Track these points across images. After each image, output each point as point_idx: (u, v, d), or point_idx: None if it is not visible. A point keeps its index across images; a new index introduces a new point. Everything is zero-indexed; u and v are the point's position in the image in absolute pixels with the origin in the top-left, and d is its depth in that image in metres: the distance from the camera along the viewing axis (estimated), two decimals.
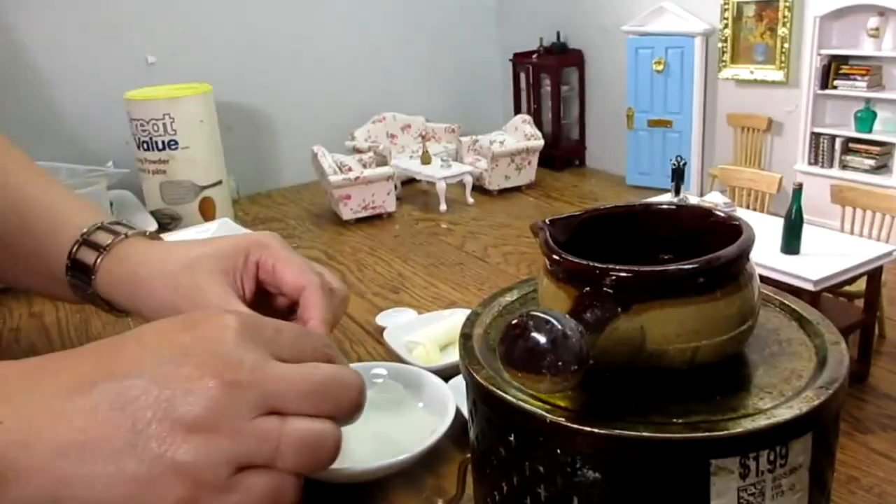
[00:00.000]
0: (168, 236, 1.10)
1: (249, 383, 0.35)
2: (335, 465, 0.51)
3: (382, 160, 5.70)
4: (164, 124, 4.35)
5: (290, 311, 0.53)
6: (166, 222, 1.21)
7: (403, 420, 0.58)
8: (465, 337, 0.41)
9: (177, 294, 0.52)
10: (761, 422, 0.32)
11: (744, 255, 0.36)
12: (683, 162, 3.46)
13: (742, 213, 3.37)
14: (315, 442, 0.36)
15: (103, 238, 0.56)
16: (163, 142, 4.35)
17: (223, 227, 1.10)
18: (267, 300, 0.54)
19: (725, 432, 0.31)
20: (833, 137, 4.71)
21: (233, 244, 0.54)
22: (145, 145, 4.38)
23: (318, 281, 0.52)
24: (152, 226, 1.15)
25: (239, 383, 0.35)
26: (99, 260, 0.56)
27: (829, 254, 2.88)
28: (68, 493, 0.33)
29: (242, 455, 0.34)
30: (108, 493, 0.33)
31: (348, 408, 0.38)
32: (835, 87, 4.65)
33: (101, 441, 0.33)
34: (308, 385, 0.36)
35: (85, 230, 0.57)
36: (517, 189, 5.90)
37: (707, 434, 0.31)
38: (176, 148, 4.37)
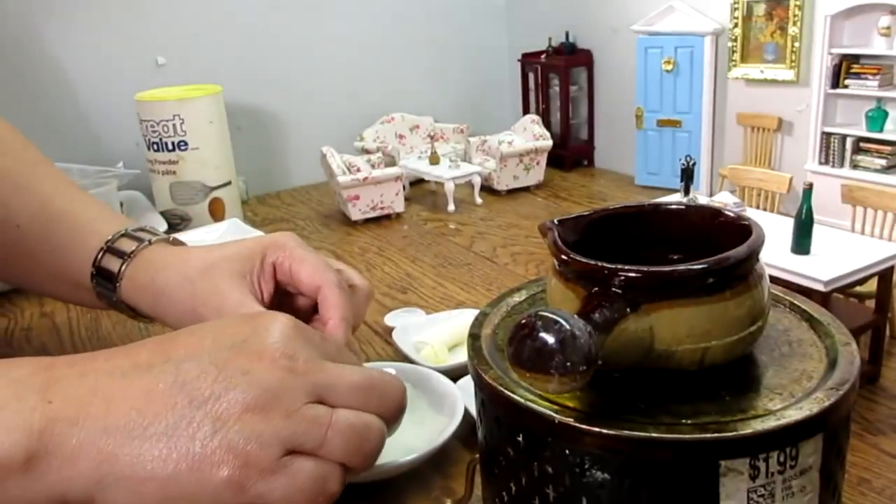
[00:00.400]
0: (177, 237, 1.10)
1: (304, 371, 0.36)
2: None
3: (391, 161, 5.70)
4: (174, 125, 4.37)
5: (312, 312, 0.53)
6: (176, 223, 1.22)
7: (412, 420, 0.58)
8: (474, 337, 0.41)
9: (196, 299, 0.51)
10: (771, 423, 0.31)
11: (753, 256, 0.36)
12: (693, 162, 3.44)
13: (752, 213, 3.36)
14: (362, 431, 0.37)
15: (127, 245, 0.56)
16: (173, 143, 4.37)
17: (232, 227, 1.10)
18: (288, 301, 0.54)
19: (735, 433, 0.31)
20: (844, 137, 4.68)
21: (249, 246, 0.54)
22: (155, 146, 4.40)
23: (334, 279, 0.51)
24: (162, 226, 1.16)
25: (294, 370, 0.36)
26: (123, 267, 0.56)
27: (839, 254, 2.87)
28: (113, 471, 0.33)
29: (293, 438, 0.35)
30: (157, 472, 0.34)
31: (393, 407, 0.39)
32: (846, 87, 4.62)
33: (155, 419, 0.34)
34: (357, 380, 0.38)
35: (109, 237, 0.57)
36: (526, 189, 5.89)
37: (716, 435, 0.31)
38: (186, 149, 4.38)
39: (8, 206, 0.59)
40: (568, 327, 0.30)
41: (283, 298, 0.54)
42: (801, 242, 2.88)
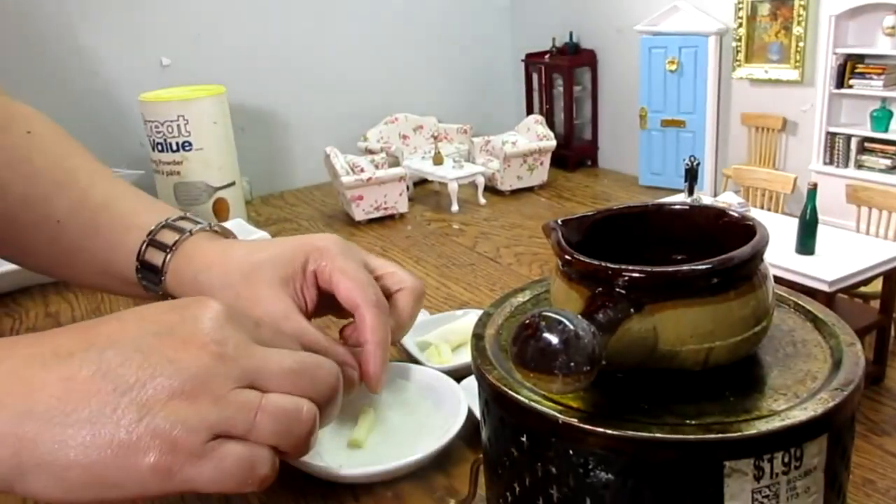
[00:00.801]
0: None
1: (233, 357, 0.36)
2: (349, 469, 0.52)
3: (394, 161, 5.71)
4: (179, 126, 4.38)
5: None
6: None
7: (416, 420, 0.58)
8: (477, 337, 0.41)
9: (238, 304, 0.50)
10: (776, 423, 0.31)
11: (758, 256, 0.36)
12: (697, 162, 3.44)
13: (756, 214, 3.35)
14: (292, 414, 0.37)
15: (169, 237, 0.56)
16: (177, 143, 4.38)
17: (236, 228, 1.10)
18: (335, 302, 0.52)
19: (739, 434, 0.31)
20: (848, 137, 4.68)
21: (291, 251, 0.52)
22: (159, 147, 4.41)
23: (372, 297, 0.50)
24: None
25: (222, 355, 0.36)
26: (167, 259, 0.55)
27: (844, 254, 2.86)
28: (33, 457, 0.33)
29: (220, 422, 0.35)
30: (82, 458, 0.33)
31: (325, 390, 0.39)
32: (850, 87, 4.61)
33: (77, 407, 0.34)
34: (287, 364, 0.38)
35: (151, 229, 0.56)
36: (529, 189, 5.89)
37: (721, 435, 0.31)
38: (190, 149, 4.39)
39: (47, 201, 0.59)
40: (571, 327, 0.30)
41: (329, 300, 0.52)
42: (806, 243, 2.88)
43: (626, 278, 0.34)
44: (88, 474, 0.33)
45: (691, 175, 3.38)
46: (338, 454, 0.55)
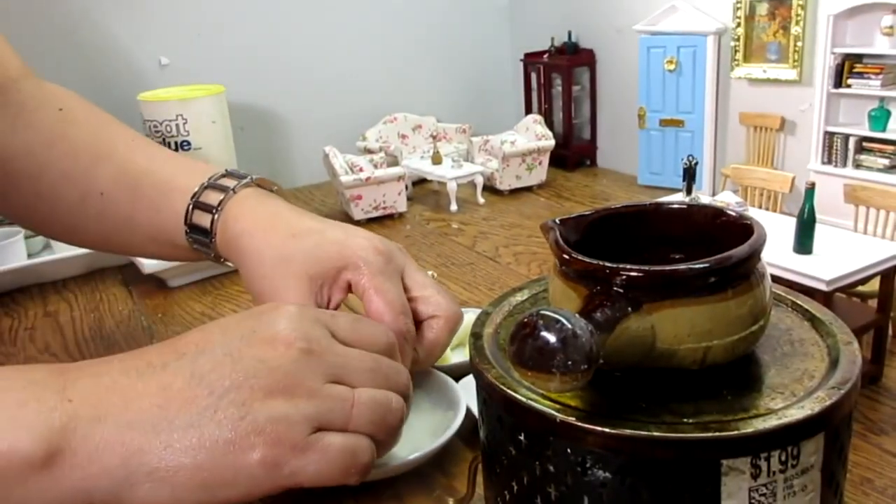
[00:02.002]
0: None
1: (319, 352, 0.38)
2: None
3: (393, 160, 5.70)
4: (178, 125, 4.37)
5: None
6: None
7: (414, 419, 0.58)
8: (476, 336, 0.41)
9: (265, 283, 0.51)
10: (773, 422, 0.31)
11: (755, 255, 0.36)
12: (695, 161, 3.44)
13: (754, 213, 3.35)
14: (385, 404, 0.39)
15: (213, 198, 0.55)
16: (176, 143, 4.37)
17: None
18: None
19: (737, 432, 0.31)
20: (847, 136, 4.68)
21: (330, 251, 0.51)
22: None
23: (401, 328, 0.49)
24: None
25: (311, 351, 0.38)
26: (215, 219, 0.55)
27: (842, 254, 2.86)
28: (143, 465, 0.33)
29: (320, 415, 0.36)
30: (191, 460, 0.34)
31: (401, 388, 0.41)
32: (848, 86, 4.61)
33: (178, 412, 0.34)
34: (368, 362, 0.40)
35: (195, 191, 0.56)
36: (528, 189, 5.89)
37: (718, 434, 0.31)
38: (189, 149, 4.39)
39: (88, 175, 0.59)
40: (569, 326, 0.30)
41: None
42: (804, 242, 2.88)
43: (624, 277, 0.34)
44: (199, 475, 0.34)
45: (689, 174, 3.39)
46: None
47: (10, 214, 0.66)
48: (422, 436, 0.55)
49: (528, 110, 6.66)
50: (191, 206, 0.56)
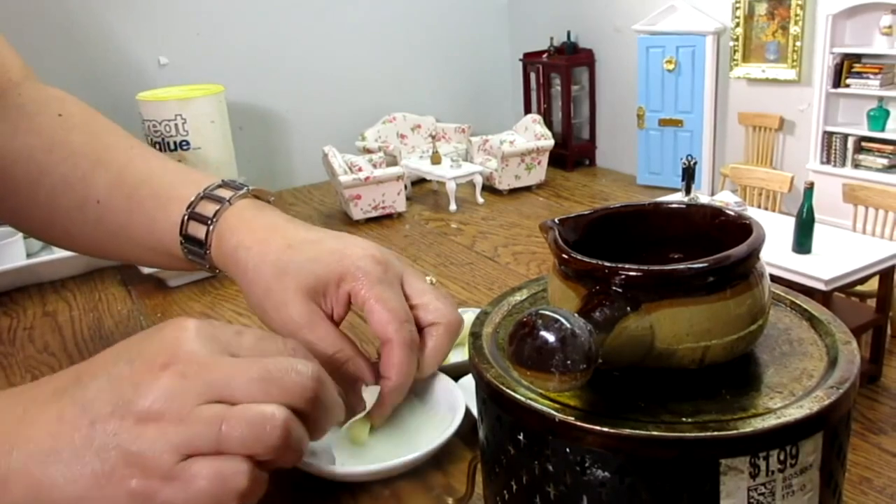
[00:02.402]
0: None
1: (196, 373, 0.36)
2: (346, 468, 0.52)
3: (393, 160, 5.70)
4: (177, 125, 4.37)
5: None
6: None
7: (413, 419, 0.58)
8: (475, 336, 0.41)
9: (267, 299, 0.50)
10: (771, 421, 0.32)
11: (754, 254, 0.36)
12: (694, 161, 3.44)
13: (753, 213, 3.36)
14: (258, 421, 0.36)
15: (209, 208, 0.55)
16: (175, 142, 4.37)
17: None
18: None
19: (735, 432, 0.31)
20: (845, 136, 4.68)
21: (327, 263, 0.50)
22: (157, 146, 4.40)
23: (406, 337, 0.49)
24: None
25: (185, 373, 0.36)
26: (210, 231, 0.54)
27: (840, 253, 2.86)
28: (40, 497, 0.35)
29: (187, 441, 0.35)
30: (74, 492, 0.34)
31: (299, 394, 0.38)
32: (847, 86, 4.62)
33: (65, 442, 0.35)
34: (254, 371, 0.37)
35: (190, 201, 0.55)
36: (527, 189, 5.89)
37: (717, 433, 0.31)
38: (188, 148, 4.39)
39: (86, 182, 0.58)
40: (568, 326, 0.30)
41: None
42: (803, 242, 2.88)
43: (623, 277, 0.34)
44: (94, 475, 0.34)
45: (689, 174, 3.39)
46: (335, 453, 0.55)
47: (8, 219, 0.66)
48: (421, 436, 0.55)
49: (528, 110, 6.66)
50: (186, 217, 0.55)
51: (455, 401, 0.57)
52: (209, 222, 0.54)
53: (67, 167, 0.59)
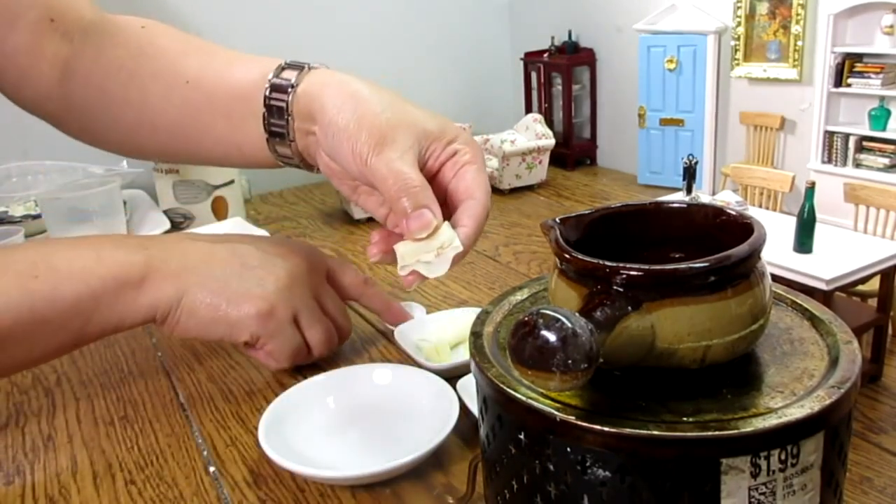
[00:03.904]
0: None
1: (315, 274, 0.59)
2: (349, 471, 0.52)
3: None
4: None
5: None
6: (179, 221, 1.24)
7: (410, 420, 0.58)
8: (476, 335, 0.41)
9: (365, 128, 0.52)
10: (772, 421, 0.32)
11: (755, 254, 0.36)
12: (695, 161, 3.44)
13: (754, 212, 3.36)
14: (331, 333, 0.62)
15: (290, 74, 0.58)
16: None
17: (236, 226, 1.10)
18: None
19: (736, 431, 0.31)
20: (847, 136, 4.68)
21: (440, 122, 0.54)
22: None
23: (486, 203, 0.54)
24: (165, 225, 1.16)
25: (311, 271, 0.59)
26: (301, 74, 0.58)
27: (842, 253, 2.86)
28: (187, 295, 0.52)
29: (300, 312, 0.56)
30: (211, 300, 0.52)
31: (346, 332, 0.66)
32: (849, 85, 4.61)
33: (216, 268, 0.53)
34: (339, 300, 0.64)
35: (270, 76, 0.58)
36: (528, 188, 5.89)
37: (718, 433, 0.31)
38: None
39: (176, 68, 0.62)
40: (569, 325, 0.30)
41: None
42: (804, 241, 2.88)
43: (624, 276, 0.34)
44: (214, 312, 0.52)
45: (690, 174, 3.39)
46: (335, 453, 0.55)
47: (100, 137, 0.69)
48: (419, 436, 0.55)
49: (528, 109, 6.65)
50: (280, 67, 0.59)
51: (450, 401, 0.57)
52: (303, 68, 0.59)
53: (157, 62, 0.63)
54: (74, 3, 0.68)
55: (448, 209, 0.50)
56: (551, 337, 0.30)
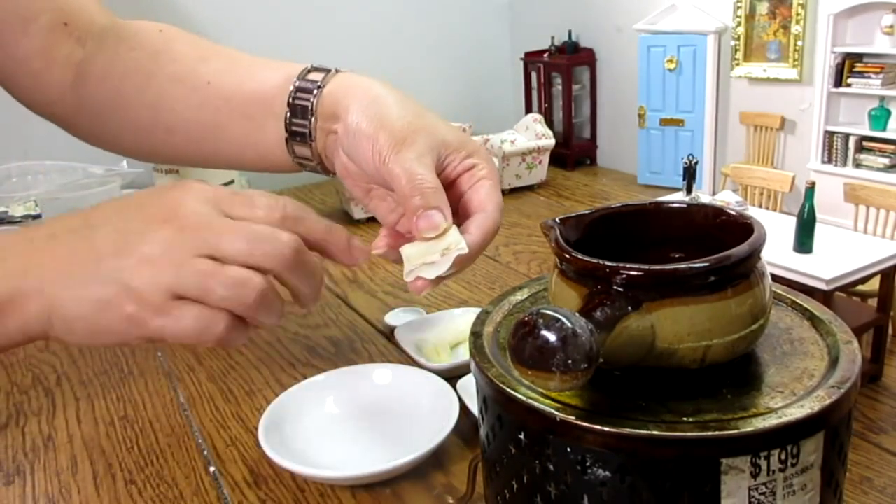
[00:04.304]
0: None
1: (193, 229, 0.42)
2: (349, 471, 0.52)
3: None
4: None
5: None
6: None
7: (410, 420, 0.58)
8: (476, 335, 0.41)
9: (385, 127, 0.52)
10: (772, 421, 0.32)
11: (755, 254, 0.36)
12: (695, 161, 3.44)
13: (754, 212, 3.35)
14: (239, 282, 0.42)
15: (316, 75, 0.58)
16: None
17: None
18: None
19: (736, 431, 0.31)
20: (847, 136, 4.67)
21: (459, 136, 0.54)
22: None
23: (497, 218, 0.51)
24: None
25: (184, 227, 0.42)
26: (325, 78, 0.57)
27: (842, 253, 2.86)
28: (56, 312, 0.43)
29: (179, 286, 0.41)
30: (80, 312, 0.42)
31: (280, 260, 0.43)
32: (849, 85, 4.61)
33: (77, 272, 0.43)
34: (243, 238, 0.43)
35: (296, 79, 0.58)
36: (528, 188, 5.89)
37: (718, 433, 0.31)
38: None
39: (196, 71, 0.61)
40: (569, 325, 0.30)
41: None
42: (804, 241, 2.88)
43: (624, 276, 0.34)
44: (88, 324, 0.43)
45: (690, 174, 3.39)
46: (335, 453, 0.55)
47: (113, 139, 0.68)
48: (419, 436, 0.55)
49: (528, 109, 6.65)
50: (306, 70, 0.59)
51: (450, 401, 0.57)
52: (329, 71, 0.58)
53: (177, 65, 0.62)
54: (86, 7, 0.68)
55: (459, 220, 0.50)
56: (551, 337, 0.30)
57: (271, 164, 0.62)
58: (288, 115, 0.58)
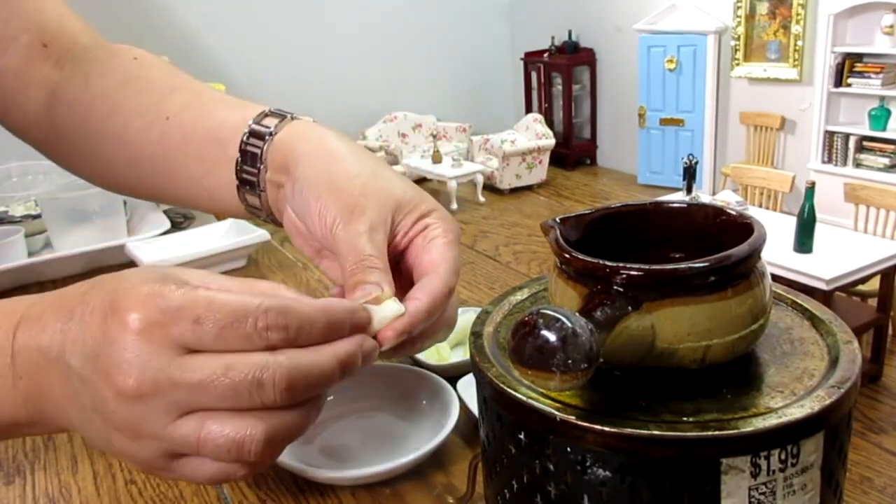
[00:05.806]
0: (181, 235, 1.10)
1: (153, 393, 0.34)
2: (349, 471, 0.52)
3: (393, 159, 5.70)
4: None
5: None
6: (179, 221, 1.24)
7: (410, 420, 0.58)
8: (476, 335, 0.41)
9: (332, 196, 0.48)
10: (772, 421, 0.32)
11: (755, 254, 0.36)
12: (695, 161, 3.44)
13: (754, 212, 3.35)
14: (233, 444, 0.35)
15: (270, 122, 0.55)
16: None
17: (235, 226, 1.10)
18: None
19: (736, 431, 0.31)
20: (847, 136, 4.68)
21: (416, 192, 0.50)
22: None
23: (450, 281, 0.46)
24: (165, 225, 1.16)
25: (142, 396, 0.34)
26: (278, 125, 0.54)
27: (842, 253, 2.86)
28: (79, 432, 0.38)
29: (171, 450, 0.35)
30: (97, 441, 0.37)
31: (270, 405, 0.35)
32: (849, 85, 4.61)
33: (70, 407, 0.37)
34: (223, 385, 0.34)
35: (251, 121, 0.56)
36: (528, 188, 5.89)
37: (718, 433, 0.31)
38: None
39: (160, 105, 0.59)
40: (569, 325, 0.30)
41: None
42: (804, 241, 2.88)
43: (624, 276, 0.34)
44: (111, 450, 0.37)
45: (690, 174, 3.39)
46: (335, 453, 0.55)
47: (80, 167, 0.67)
48: (419, 436, 0.55)
49: (529, 109, 6.65)
50: (262, 114, 0.56)
51: (449, 401, 0.57)
52: (286, 117, 0.56)
53: (142, 97, 0.60)
54: (69, 27, 0.66)
55: (414, 282, 0.46)
56: (551, 337, 0.30)
57: (225, 210, 0.59)
58: (239, 160, 0.55)
